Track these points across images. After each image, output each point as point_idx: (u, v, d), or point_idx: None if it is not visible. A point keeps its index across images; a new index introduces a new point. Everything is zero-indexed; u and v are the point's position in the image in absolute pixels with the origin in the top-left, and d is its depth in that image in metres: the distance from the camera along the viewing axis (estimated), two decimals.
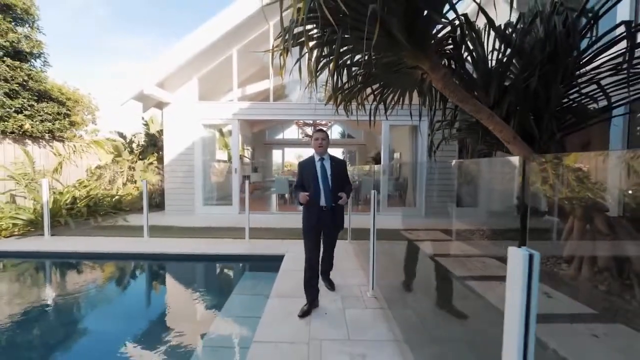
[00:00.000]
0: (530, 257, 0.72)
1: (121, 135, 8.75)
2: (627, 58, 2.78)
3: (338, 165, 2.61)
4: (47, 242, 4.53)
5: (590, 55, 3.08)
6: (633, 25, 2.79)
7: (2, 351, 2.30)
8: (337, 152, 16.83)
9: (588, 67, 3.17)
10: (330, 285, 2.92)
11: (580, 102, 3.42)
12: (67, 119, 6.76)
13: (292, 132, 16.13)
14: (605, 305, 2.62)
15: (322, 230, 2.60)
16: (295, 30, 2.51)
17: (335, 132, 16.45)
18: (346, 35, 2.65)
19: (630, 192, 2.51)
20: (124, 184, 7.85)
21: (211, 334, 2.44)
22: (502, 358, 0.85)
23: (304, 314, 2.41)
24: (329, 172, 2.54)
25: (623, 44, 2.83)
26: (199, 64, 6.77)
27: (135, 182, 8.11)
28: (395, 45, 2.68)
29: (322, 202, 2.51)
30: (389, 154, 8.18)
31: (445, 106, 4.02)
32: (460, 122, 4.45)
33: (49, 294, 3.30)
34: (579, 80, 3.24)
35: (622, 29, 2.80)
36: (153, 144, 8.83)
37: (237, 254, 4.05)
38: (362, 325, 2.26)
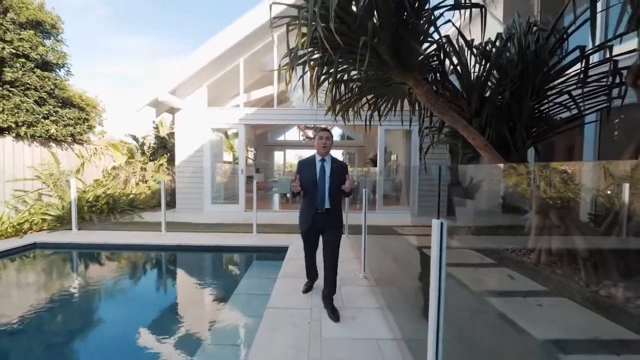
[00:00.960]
0: (442, 224, 1.25)
1: (134, 138, 9.29)
2: (582, 76, 3.30)
3: (339, 168, 2.51)
4: (77, 235, 5.07)
5: (557, 71, 3.55)
6: (586, 49, 3.30)
7: (51, 319, 2.84)
8: (337, 154, 17.36)
9: (556, 82, 3.68)
10: (334, 315, 2.36)
11: (549, 113, 3.92)
12: (86, 123, 7.30)
13: (293, 134, 16.66)
14: (556, 285, 3.15)
15: (319, 233, 2.57)
16: (300, 52, 3.07)
17: (335, 134, 16.98)
18: (342, 59, 3.20)
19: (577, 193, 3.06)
20: (137, 184, 8.39)
21: (229, 306, 2.97)
22: (430, 292, 1.36)
23: (307, 290, 2.88)
24: (327, 174, 2.45)
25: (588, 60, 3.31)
26: (209, 73, 7.31)
27: (147, 182, 8.64)
28: (385, 65, 3.22)
29: (318, 205, 2.44)
30: (386, 156, 8.69)
31: (432, 114, 4.54)
32: (446, 128, 4.99)
33: (89, 278, 3.84)
34: (549, 93, 3.75)
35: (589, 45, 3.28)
36: (163, 146, 9.38)
37: (248, 245, 4.59)
38: (354, 298, 2.79)
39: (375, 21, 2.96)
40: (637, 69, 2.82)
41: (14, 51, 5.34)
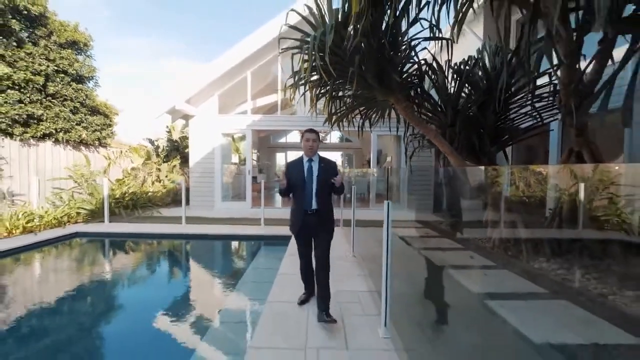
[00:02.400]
0: (388, 203, 2.08)
1: (150, 141, 10.16)
2: (529, 96, 4.14)
3: (327, 167, 2.43)
4: (110, 226, 5.92)
5: (517, 89, 4.37)
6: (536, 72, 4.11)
7: (100, 290, 3.69)
8: (336, 155, 18.20)
9: (517, 97, 4.50)
10: (329, 318, 2.25)
11: (514, 123, 4.73)
12: (109, 128, 8.16)
13: (294, 137, 17.51)
14: (504, 262, 3.99)
15: (310, 235, 2.50)
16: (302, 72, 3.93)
17: (334, 137, 17.83)
18: (337, 82, 4.06)
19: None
20: (153, 183, 9.24)
21: (249, 275, 3.82)
22: (382, 256, 2.19)
23: (303, 301, 2.60)
24: (314, 174, 2.40)
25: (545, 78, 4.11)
26: (220, 84, 8.17)
27: (161, 181, 9.49)
28: (370, 87, 4.08)
29: (306, 206, 2.39)
30: (382, 158, 9.52)
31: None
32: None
33: (128, 259, 4.69)
34: (511, 107, 4.57)
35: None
36: (176, 149, 10.24)
37: (257, 234, 5.43)
38: (343, 270, 3.63)
39: (361, 55, 3.82)
40: (561, 95, 3.66)
41: (56, 68, 6.20)
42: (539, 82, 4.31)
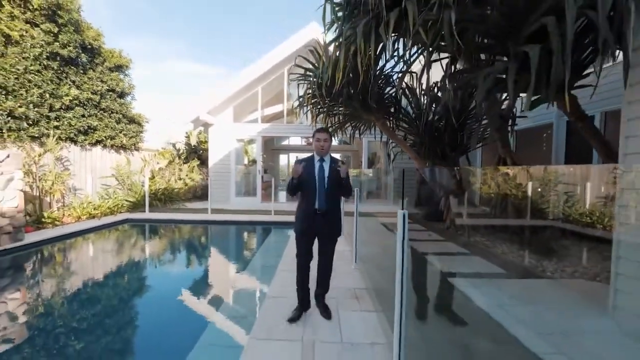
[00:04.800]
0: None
1: (173, 145, 11.68)
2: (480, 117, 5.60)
3: (338, 168, 2.40)
4: (150, 214, 7.42)
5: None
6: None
7: (155, 260, 5.19)
8: (335, 157, 19.63)
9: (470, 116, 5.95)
10: (326, 313, 2.45)
11: (470, 135, 6.18)
12: (141, 135, 9.67)
13: (296, 139, 18.98)
14: (450, 237, 5.46)
15: (315, 237, 2.45)
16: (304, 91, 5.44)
17: (334, 140, 19.29)
18: (331, 104, 5.56)
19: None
20: (176, 181, 10.74)
21: (264, 249, 5.31)
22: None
23: (293, 318, 2.33)
24: (326, 174, 2.40)
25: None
26: (235, 98, 9.68)
27: (182, 179, 10.99)
28: (356, 109, 5.56)
29: (316, 205, 2.35)
30: (376, 159, 10.99)
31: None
32: (408, 142, 7.29)
33: (172, 238, 6.19)
34: (468, 121, 6.02)
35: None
36: (194, 152, 11.75)
37: (270, 221, 6.93)
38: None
39: (348, 88, 5.31)
40: (488, 119, 5.13)
41: (107, 87, 7.72)
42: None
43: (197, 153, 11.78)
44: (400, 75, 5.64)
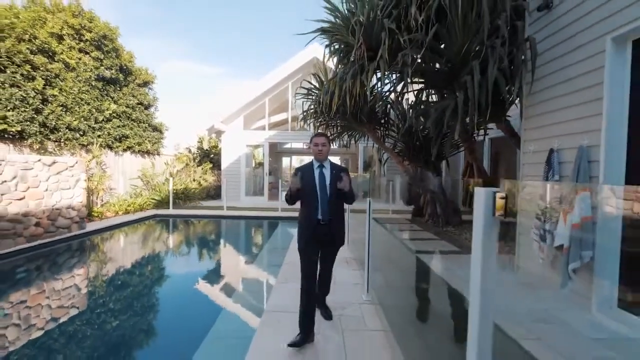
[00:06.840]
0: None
1: (189, 150, 12.90)
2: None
3: (339, 174, 2.24)
4: (174, 211, 8.61)
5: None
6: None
7: (181, 250, 6.39)
8: (335, 160, 20.77)
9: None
10: (327, 313, 2.49)
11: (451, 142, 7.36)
12: (161, 141, 10.88)
13: (298, 143, 20.17)
14: (427, 228, 6.63)
15: (318, 248, 2.32)
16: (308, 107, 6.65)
17: (334, 144, 20.48)
18: (331, 117, 6.77)
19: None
20: (191, 182, 11.95)
21: (273, 239, 6.49)
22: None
23: (293, 344, 2.05)
24: (327, 181, 2.27)
25: None
26: (245, 108, 10.89)
27: (196, 180, 12.18)
28: (350, 121, 6.76)
29: (319, 215, 2.22)
30: (373, 162, 12.18)
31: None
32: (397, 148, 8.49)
33: (196, 230, 7.38)
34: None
35: None
36: (206, 155, 12.96)
37: (278, 216, 8.12)
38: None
39: (344, 106, 6.51)
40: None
41: (137, 101, 8.94)
42: None
43: (209, 157, 12.99)
44: (387, 94, 6.85)
